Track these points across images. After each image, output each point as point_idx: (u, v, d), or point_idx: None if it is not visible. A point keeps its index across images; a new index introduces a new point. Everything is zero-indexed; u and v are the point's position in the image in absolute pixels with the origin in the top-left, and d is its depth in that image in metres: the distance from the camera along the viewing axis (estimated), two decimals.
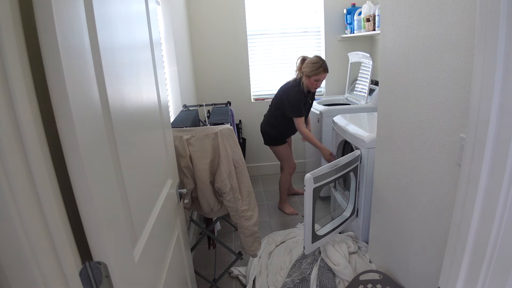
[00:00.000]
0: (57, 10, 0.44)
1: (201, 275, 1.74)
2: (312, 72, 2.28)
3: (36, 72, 0.45)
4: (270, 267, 1.93)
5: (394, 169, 1.52)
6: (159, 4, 2.07)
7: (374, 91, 2.77)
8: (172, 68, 2.21)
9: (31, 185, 0.43)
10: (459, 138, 1.04)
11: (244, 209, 1.54)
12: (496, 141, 0.65)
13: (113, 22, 0.67)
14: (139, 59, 0.86)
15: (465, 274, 0.76)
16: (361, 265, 1.80)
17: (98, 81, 0.57)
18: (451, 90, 1.08)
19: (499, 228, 0.66)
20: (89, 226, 0.52)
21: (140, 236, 0.76)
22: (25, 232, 0.42)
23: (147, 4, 0.96)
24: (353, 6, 3.05)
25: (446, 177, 1.14)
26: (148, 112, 0.91)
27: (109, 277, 0.56)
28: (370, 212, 1.88)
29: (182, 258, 1.23)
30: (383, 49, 1.54)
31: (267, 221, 2.60)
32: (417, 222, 1.36)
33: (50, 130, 0.47)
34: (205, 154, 1.43)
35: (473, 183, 0.71)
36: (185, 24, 2.82)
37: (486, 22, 0.63)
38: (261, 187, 3.24)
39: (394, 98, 1.46)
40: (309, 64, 2.30)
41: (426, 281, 1.33)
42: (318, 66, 2.27)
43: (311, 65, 2.29)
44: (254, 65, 3.30)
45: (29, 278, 0.44)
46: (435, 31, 1.13)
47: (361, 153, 1.92)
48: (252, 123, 3.38)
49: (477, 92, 0.68)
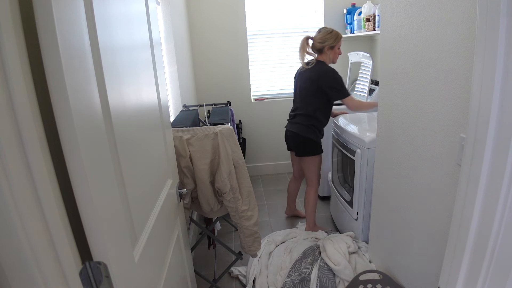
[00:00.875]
0: (57, 10, 0.44)
1: (201, 275, 1.74)
2: (335, 41, 2.11)
3: (36, 72, 0.45)
4: (270, 267, 1.93)
5: (394, 169, 1.51)
6: (159, 4, 2.07)
7: (374, 91, 2.77)
8: (172, 68, 2.21)
9: (31, 185, 0.43)
10: (459, 138, 1.04)
11: (244, 209, 1.54)
12: (496, 141, 0.65)
13: (113, 22, 0.67)
14: (139, 59, 0.86)
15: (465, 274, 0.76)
16: (361, 265, 1.80)
17: (98, 81, 0.57)
18: (451, 90, 1.08)
19: (499, 228, 0.66)
20: (89, 226, 0.52)
21: (140, 236, 0.76)
22: (25, 232, 0.42)
23: (147, 4, 0.96)
24: (353, 6, 3.05)
25: (446, 177, 1.13)
26: (148, 112, 0.91)
27: (109, 277, 0.56)
28: (370, 212, 1.88)
29: (182, 258, 1.23)
30: (383, 49, 1.54)
31: (267, 221, 2.60)
32: (417, 222, 1.36)
33: (50, 130, 0.47)
34: (205, 154, 1.43)
35: (473, 183, 0.71)
36: (185, 24, 2.82)
37: (486, 22, 0.63)
38: (261, 187, 3.24)
39: (394, 98, 1.46)
40: (327, 35, 2.10)
41: (426, 281, 1.33)
42: (336, 32, 2.12)
43: (329, 35, 2.10)
44: (254, 65, 3.30)
45: (29, 278, 0.44)
46: (435, 31, 1.13)
47: (361, 153, 1.92)
48: (252, 123, 3.39)
49: (477, 92, 0.68)
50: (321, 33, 2.12)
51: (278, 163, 3.54)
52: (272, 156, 3.53)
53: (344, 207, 2.23)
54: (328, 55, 2.15)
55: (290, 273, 1.82)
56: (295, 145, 2.23)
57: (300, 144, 2.19)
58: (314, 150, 2.18)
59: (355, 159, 1.97)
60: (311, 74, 2.13)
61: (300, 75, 2.22)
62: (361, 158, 1.92)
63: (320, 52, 2.15)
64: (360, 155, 1.92)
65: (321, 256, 1.85)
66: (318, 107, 2.15)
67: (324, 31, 2.12)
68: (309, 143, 2.16)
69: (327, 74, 2.09)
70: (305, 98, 2.17)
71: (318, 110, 2.15)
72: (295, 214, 2.65)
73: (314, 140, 2.16)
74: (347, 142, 2.11)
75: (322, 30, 2.14)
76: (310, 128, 2.15)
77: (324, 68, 2.11)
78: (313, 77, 2.11)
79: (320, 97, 2.13)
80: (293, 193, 2.57)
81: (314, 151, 2.19)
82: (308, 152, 2.19)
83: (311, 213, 2.29)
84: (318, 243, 2.00)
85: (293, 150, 2.28)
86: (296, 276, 1.78)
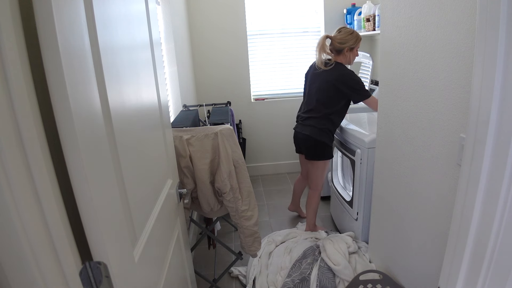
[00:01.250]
0: (57, 10, 0.44)
1: (201, 275, 1.74)
2: (356, 42, 2.05)
3: (36, 72, 0.45)
4: (270, 267, 1.93)
5: (394, 169, 1.51)
6: (159, 4, 2.07)
7: (374, 91, 2.77)
8: (172, 68, 2.21)
9: (31, 185, 0.43)
10: (459, 138, 1.04)
11: (244, 209, 1.54)
12: (496, 141, 0.65)
13: (113, 22, 0.67)
14: (139, 59, 0.86)
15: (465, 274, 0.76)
16: (361, 265, 1.80)
17: (98, 81, 0.57)
18: (451, 90, 1.08)
19: (499, 228, 0.66)
20: (89, 226, 0.52)
21: (140, 236, 0.76)
22: (25, 232, 0.42)
23: (147, 4, 0.96)
24: (353, 6, 3.05)
25: (446, 177, 1.13)
26: (148, 112, 0.91)
27: (109, 277, 0.56)
28: (370, 212, 1.88)
29: (182, 258, 1.23)
30: (383, 49, 1.54)
31: (267, 221, 2.60)
32: (417, 222, 1.36)
33: (50, 130, 0.47)
34: (205, 154, 1.43)
35: (473, 183, 0.71)
36: (185, 24, 2.82)
37: (486, 22, 0.63)
38: (261, 187, 3.24)
39: (394, 98, 1.46)
40: (347, 36, 2.03)
41: (426, 281, 1.33)
42: (356, 33, 2.06)
43: (350, 36, 2.03)
44: (254, 65, 3.30)
45: (29, 278, 0.44)
46: (435, 31, 1.13)
47: (361, 153, 1.92)
48: (252, 123, 3.39)
49: (477, 92, 0.68)
50: (342, 33, 2.05)
51: (278, 163, 3.54)
52: (272, 156, 3.53)
53: (344, 207, 2.23)
54: (347, 57, 2.09)
55: (290, 273, 1.82)
56: (306, 147, 2.17)
57: (311, 147, 2.13)
58: (325, 154, 2.13)
59: (355, 159, 1.97)
60: (329, 77, 2.05)
61: (316, 76, 2.13)
62: (361, 158, 1.92)
63: (338, 53, 2.08)
64: (360, 155, 1.92)
65: (321, 256, 1.85)
66: (336, 110, 2.08)
67: (345, 31, 2.05)
68: (320, 147, 2.11)
69: (349, 77, 2.03)
70: (321, 100, 2.08)
71: (334, 113, 2.09)
72: (298, 211, 2.64)
73: (327, 143, 2.10)
74: (347, 142, 2.11)
75: (343, 30, 2.07)
76: (324, 131, 2.08)
77: (344, 70, 2.05)
78: (332, 79, 2.03)
79: (338, 100, 2.06)
80: (299, 191, 2.58)
81: (325, 155, 2.14)
82: (319, 156, 2.13)
83: (313, 216, 2.28)
84: (318, 243, 2.00)
85: (304, 152, 2.22)
86: (296, 276, 1.78)
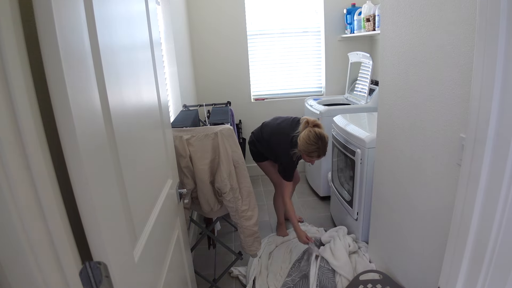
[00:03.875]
0: (57, 10, 0.44)
1: (201, 275, 1.74)
2: (304, 152, 1.89)
3: (36, 72, 0.45)
4: (270, 267, 1.93)
5: (394, 169, 1.52)
6: (159, 4, 2.07)
7: (374, 91, 2.77)
8: (172, 68, 2.21)
9: (31, 185, 0.43)
10: (459, 138, 1.04)
11: (244, 209, 1.54)
12: (496, 141, 0.65)
13: (113, 22, 0.67)
14: (139, 59, 0.86)
15: (465, 274, 0.76)
16: (361, 265, 1.80)
17: (98, 81, 0.57)
18: (451, 90, 1.08)
19: (499, 228, 0.66)
20: (89, 226, 0.52)
21: (140, 236, 0.76)
22: (25, 232, 0.42)
23: (147, 4, 0.96)
24: (353, 6, 3.05)
25: (446, 177, 1.13)
26: (148, 112, 0.91)
27: (109, 277, 0.56)
28: (370, 212, 1.88)
29: (182, 258, 1.23)
30: (383, 49, 1.54)
31: (267, 221, 2.60)
32: (417, 222, 1.36)
33: (50, 130, 0.47)
34: (205, 154, 1.43)
35: (473, 183, 0.71)
36: (185, 24, 2.82)
37: (486, 22, 0.63)
38: (261, 187, 3.24)
39: (394, 98, 1.46)
40: (304, 142, 1.85)
41: (426, 281, 1.33)
42: (313, 149, 1.86)
43: (307, 145, 1.85)
44: (254, 65, 3.30)
45: (29, 278, 0.44)
46: (435, 31, 1.13)
47: (361, 153, 1.92)
48: (252, 123, 3.38)
49: (477, 92, 0.68)
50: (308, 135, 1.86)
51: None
52: None
53: (344, 207, 2.23)
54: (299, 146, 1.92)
55: (290, 273, 1.82)
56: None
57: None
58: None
59: (355, 159, 1.97)
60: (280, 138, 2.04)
61: (280, 126, 2.13)
62: (361, 158, 1.92)
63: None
64: (360, 155, 1.92)
65: (321, 255, 1.85)
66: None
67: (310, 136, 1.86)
68: None
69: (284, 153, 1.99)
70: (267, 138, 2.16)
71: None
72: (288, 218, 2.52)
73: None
74: (347, 142, 2.11)
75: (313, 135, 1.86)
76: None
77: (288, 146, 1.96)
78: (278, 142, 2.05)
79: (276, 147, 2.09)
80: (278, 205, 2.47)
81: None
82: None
83: (281, 215, 2.38)
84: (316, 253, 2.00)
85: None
86: (296, 275, 1.78)
